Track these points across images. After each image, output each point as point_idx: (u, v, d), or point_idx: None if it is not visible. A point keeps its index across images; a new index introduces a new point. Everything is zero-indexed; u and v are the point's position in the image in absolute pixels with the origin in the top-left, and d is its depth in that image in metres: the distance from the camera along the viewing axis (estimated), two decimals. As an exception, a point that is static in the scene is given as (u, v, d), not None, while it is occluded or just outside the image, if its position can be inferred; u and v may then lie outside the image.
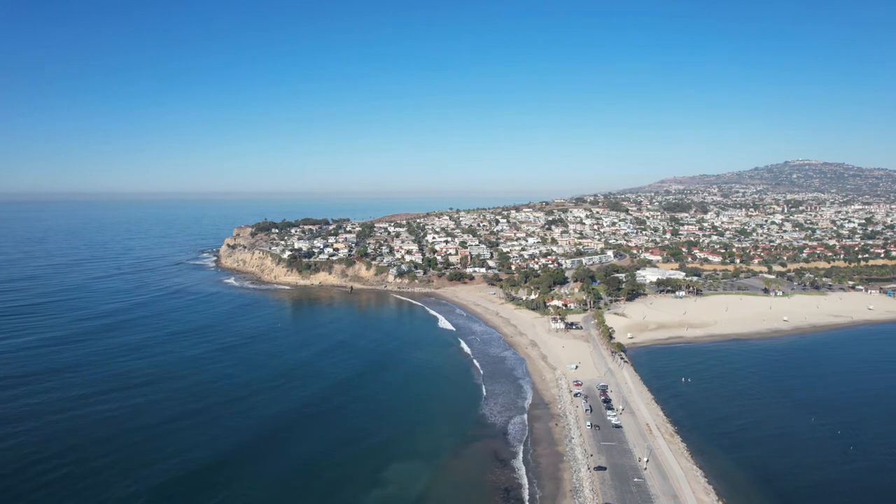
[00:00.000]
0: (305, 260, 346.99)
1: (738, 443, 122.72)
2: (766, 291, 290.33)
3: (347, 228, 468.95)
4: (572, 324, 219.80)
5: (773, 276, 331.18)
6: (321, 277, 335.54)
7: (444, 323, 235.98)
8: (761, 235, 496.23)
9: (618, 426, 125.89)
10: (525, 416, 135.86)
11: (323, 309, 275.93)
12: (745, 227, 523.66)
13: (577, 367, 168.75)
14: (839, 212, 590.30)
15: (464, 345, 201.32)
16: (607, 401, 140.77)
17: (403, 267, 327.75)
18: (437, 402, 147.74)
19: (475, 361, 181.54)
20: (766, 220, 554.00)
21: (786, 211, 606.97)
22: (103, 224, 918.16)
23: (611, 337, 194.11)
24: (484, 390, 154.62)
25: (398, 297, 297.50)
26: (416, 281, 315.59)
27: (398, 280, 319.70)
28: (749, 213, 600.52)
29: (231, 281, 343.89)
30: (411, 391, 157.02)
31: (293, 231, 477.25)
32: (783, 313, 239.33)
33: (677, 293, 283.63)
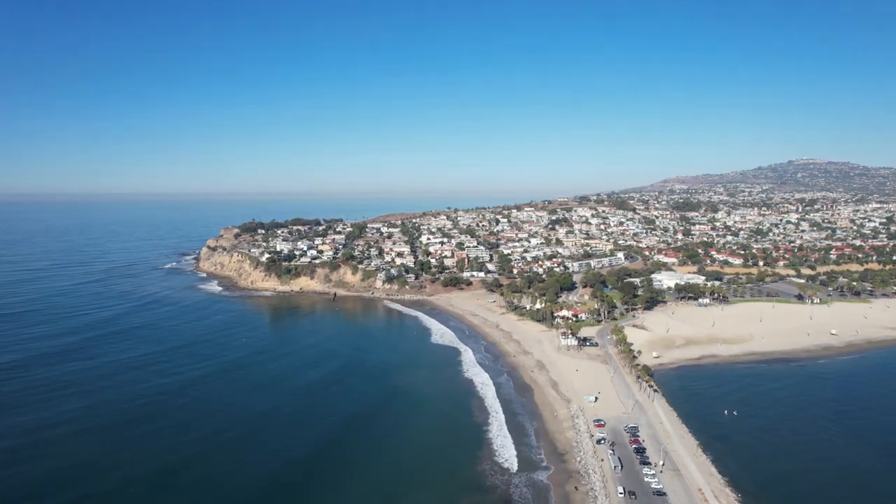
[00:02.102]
0: (286, 263, 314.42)
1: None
2: (800, 298, 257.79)
3: (338, 229, 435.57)
4: (586, 339, 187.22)
5: (802, 280, 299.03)
6: (302, 283, 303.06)
7: (436, 338, 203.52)
8: (779, 235, 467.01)
9: (660, 493, 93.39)
10: (534, 474, 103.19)
11: (297, 322, 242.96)
12: (761, 227, 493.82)
13: (596, 398, 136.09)
14: (857, 210, 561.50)
15: (458, 368, 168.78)
16: (641, 451, 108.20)
17: (393, 271, 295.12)
18: (424, 449, 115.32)
19: (470, 391, 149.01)
20: (782, 220, 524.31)
21: (800, 210, 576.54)
22: (90, 225, 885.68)
23: (634, 357, 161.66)
24: (481, 433, 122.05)
25: (386, 305, 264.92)
26: (407, 287, 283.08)
27: (386, 286, 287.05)
28: (762, 213, 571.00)
29: (205, 287, 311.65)
30: (392, 433, 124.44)
31: (279, 232, 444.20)
32: (828, 325, 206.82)
33: (700, 300, 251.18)
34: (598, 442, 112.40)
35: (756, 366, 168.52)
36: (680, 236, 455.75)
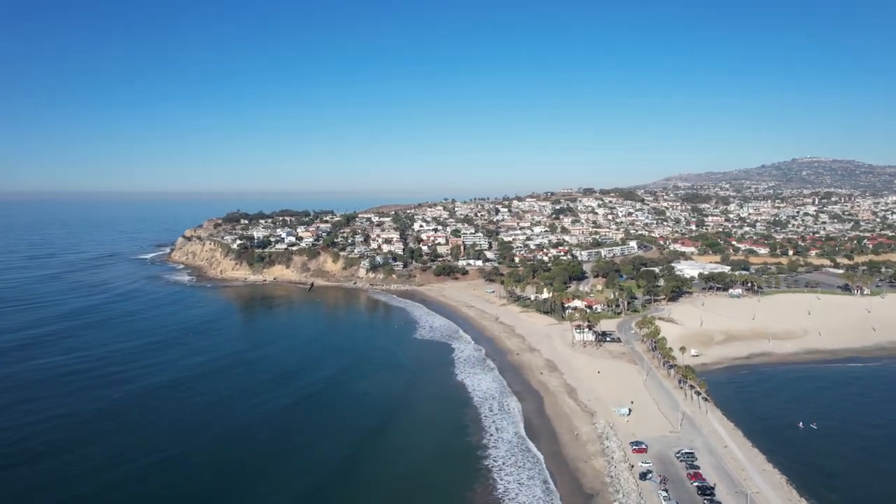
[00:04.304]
0: (259, 251, 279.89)
1: None
2: (846, 289, 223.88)
3: (325, 219, 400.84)
4: (605, 334, 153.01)
5: (840, 270, 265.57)
6: (277, 272, 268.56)
7: (424, 332, 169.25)
8: (798, 227, 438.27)
9: (756, 569, 59.09)
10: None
11: (262, 317, 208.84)
12: (778, 218, 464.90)
13: (629, 410, 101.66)
14: (877, 203, 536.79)
15: (448, 369, 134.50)
16: (707, 492, 73.84)
17: (378, 259, 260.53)
18: (399, 486, 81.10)
19: (462, 399, 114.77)
20: (798, 212, 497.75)
21: (816, 202, 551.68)
22: (76, 220, 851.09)
23: (674, 356, 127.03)
24: (476, 461, 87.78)
25: (370, 296, 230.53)
26: (394, 276, 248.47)
27: (371, 275, 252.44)
28: (776, 205, 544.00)
29: (169, 277, 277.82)
30: (358, 464, 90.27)
31: (262, 222, 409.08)
32: (892, 319, 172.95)
33: (731, 291, 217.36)
34: (643, 477, 78.00)
35: (822, 366, 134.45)
36: (693, 227, 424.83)
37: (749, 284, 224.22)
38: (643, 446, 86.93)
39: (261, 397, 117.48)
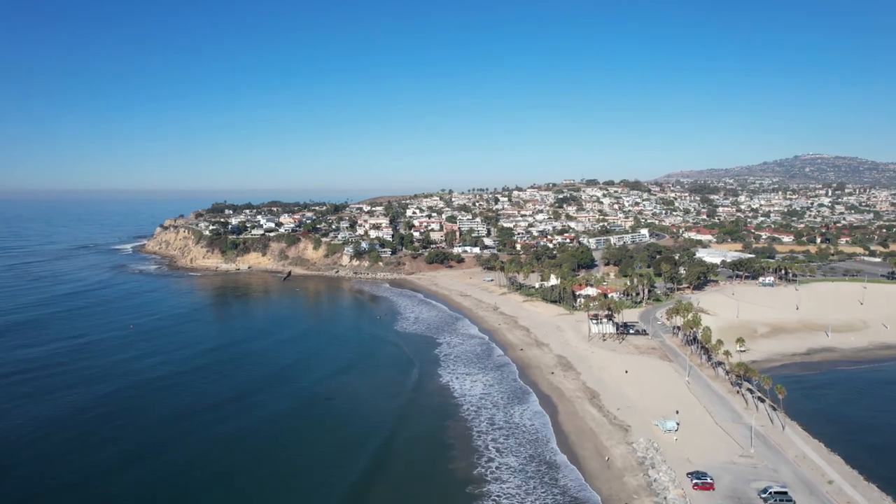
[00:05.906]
0: (233, 237, 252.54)
1: None
2: (892, 277, 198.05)
3: (313, 208, 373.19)
4: (628, 325, 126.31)
5: (878, 259, 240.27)
6: (252, 259, 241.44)
7: (408, 325, 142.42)
8: (815, 217, 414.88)
9: None
10: None
11: (223, 309, 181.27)
12: (793, 208, 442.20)
13: (677, 425, 74.70)
14: (894, 194, 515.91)
15: (432, 368, 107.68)
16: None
17: (364, 244, 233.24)
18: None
19: (448, 409, 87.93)
20: (812, 203, 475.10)
21: (830, 194, 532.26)
22: (64, 215, 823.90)
23: (727, 353, 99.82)
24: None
25: (352, 286, 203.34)
26: (381, 264, 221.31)
27: (355, 262, 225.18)
28: (788, 196, 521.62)
29: (136, 266, 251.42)
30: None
31: (246, 212, 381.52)
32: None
33: (762, 280, 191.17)
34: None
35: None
36: (704, 217, 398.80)
37: (782, 272, 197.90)
38: (708, 480, 60.03)
39: (193, 421, 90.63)
